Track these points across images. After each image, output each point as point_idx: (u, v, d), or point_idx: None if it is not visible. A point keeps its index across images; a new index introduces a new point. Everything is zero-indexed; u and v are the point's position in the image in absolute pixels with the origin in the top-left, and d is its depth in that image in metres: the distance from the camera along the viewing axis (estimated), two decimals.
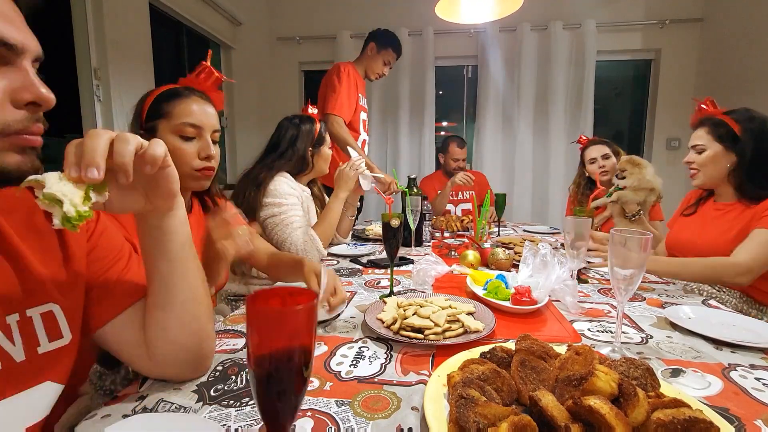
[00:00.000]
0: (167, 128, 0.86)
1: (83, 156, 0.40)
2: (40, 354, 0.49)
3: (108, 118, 1.97)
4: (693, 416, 0.42)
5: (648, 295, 1.05)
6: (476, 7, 1.87)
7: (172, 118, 0.86)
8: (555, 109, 3.26)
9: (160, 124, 0.86)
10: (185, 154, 0.87)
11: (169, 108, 0.86)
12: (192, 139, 0.88)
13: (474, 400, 0.46)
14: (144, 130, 0.87)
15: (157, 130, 0.86)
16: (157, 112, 0.86)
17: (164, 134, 0.86)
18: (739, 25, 2.76)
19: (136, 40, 2.12)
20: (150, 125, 0.86)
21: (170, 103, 0.87)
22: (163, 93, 0.88)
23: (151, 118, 0.86)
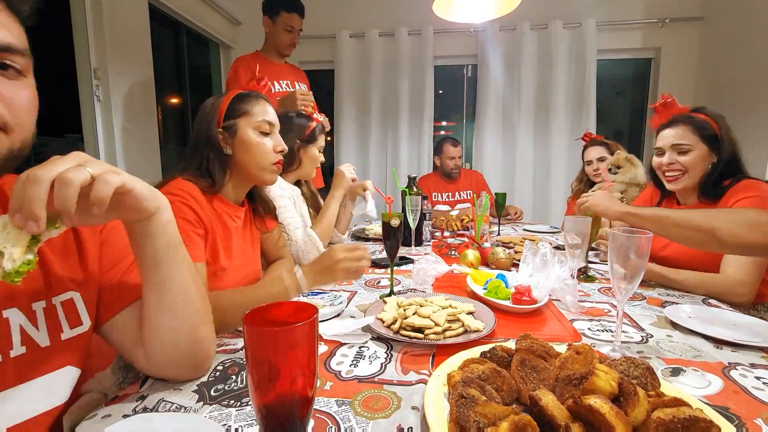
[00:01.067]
0: (248, 125, 0.96)
1: (22, 206, 0.38)
2: (63, 340, 0.53)
3: (107, 118, 1.97)
4: (693, 415, 0.42)
5: (648, 294, 1.05)
6: (474, 5, 1.87)
7: (252, 116, 0.97)
8: (555, 108, 3.25)
9: (240, 121, 0.96)
10: (266, 149, 0.98)
11: (248, 107, 0.97)
12: (268, 135, 0.99)
13: (474, 399, 0.46)
14: (222, 128, 0.95)
15: (238, 127, 0.95)
16: (236, 111, 0.96)
17: (245, 130, 0.96)
18: (739, 23, 2.75)
19: (135, 39, 2.12)
20: (229, 123, 0.95)
21: (249, 103, 0.97)
22: (240, 95, 0.98)
23: (229, 117, 0.95)
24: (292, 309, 0.37)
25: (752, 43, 2.63)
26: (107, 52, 1.93)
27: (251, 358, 0.31)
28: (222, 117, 0.95)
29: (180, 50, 2.80)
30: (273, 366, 0.31)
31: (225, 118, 0.95)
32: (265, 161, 0.98)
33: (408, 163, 3.49)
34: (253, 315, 0.34)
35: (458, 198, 2.77)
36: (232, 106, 0.96)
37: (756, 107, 2.57)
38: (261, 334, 0.31)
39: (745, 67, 2.69)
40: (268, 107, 1.00)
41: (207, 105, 0.98)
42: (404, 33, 3.35)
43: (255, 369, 0.31)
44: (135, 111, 2.12)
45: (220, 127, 0.95)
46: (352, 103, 3.51)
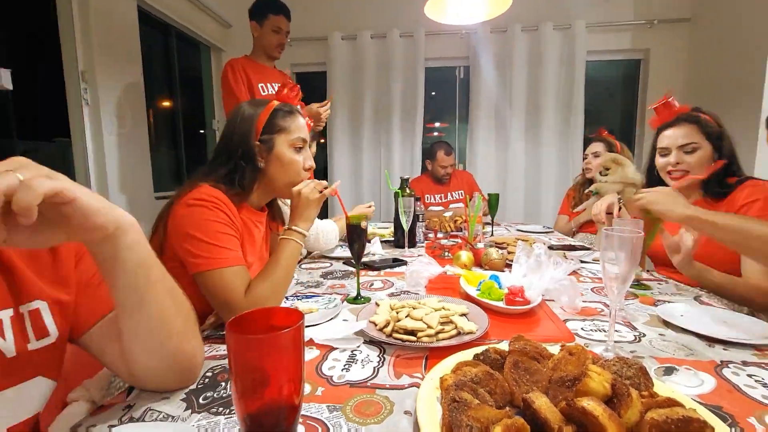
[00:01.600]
0: (285, 142, 0.97)
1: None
2: (30, 351, 0.50)
3: (96, 121, 1.94)
4: (687, 415, 0.42)
5: (641, 293, 1.05)
6: (465, 7, 1.87)
7: (290, 133, 0.97)
8: (546, 109, 3.27)
9: (277, 138, 0.96)
10: (299, 167, 0.99)
11: (286, 123, 0.97)
12: (301, 150, 1.00)
13: (467, 403, 0.45)
14: (260, 142, 0.95)
15: (275, 143, 0.96)
16: (274, 127, 0.96)
17: (282, 147, 0.97)
18: (727, 24, 2.79)
19: (124, 42, 2.10)
20: (266, 138, 0.95)
21: (286, 120, 0.97)
22: (277, 109, 0.98)
23: (268, 132, 0.96)
24: (277, 315, 0.36)
25: (739, 44, 2.67)
26: (95, 54, 1.90)
27: (235, 366, 0.30)
28: (260, 130, 0.95)
29: (170, 53, 2.77)
30: (258, 374, 0.30)
31: (263, 131, 0.95)
32: (296, 178, 0.99)
33: (401, 165, 3.49)
34: (237, 321, 0.33)
35: (451, 199, 2.78)
36: (271, 120, 0.96)
37: (743, 107, 2.61)
38: (245, 341, 0.30)
39: (733, 68, 2.73)
40: (302, 121, 1.01)
41: (243, 114, 0.97)
42: (396, 35, 3.35)
43: (239, 378, 0.30)
44: (124, 114, 2.09)
45: (257, 140, 0.95)
46: (345, 105, 3.51)
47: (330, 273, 1.29)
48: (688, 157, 1.22)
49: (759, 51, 2.48)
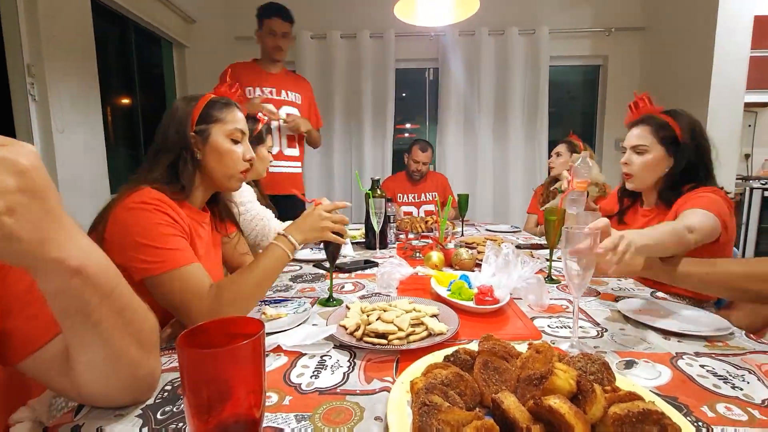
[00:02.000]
0: (221, 132, 0.95)
1: None
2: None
3: (45, 119, 1.81)
4: (646, 408, 0.44)
5: (602, 290, 1.09)
6: (434, 9, 1.90)
7: (226, 123, 0.96)
8: (513, 111, 3.37)
9: (213, 128, 0.94)
10: (237, 157, 0.97)
11: (221, 114, 0.96)
12: (239, 143, 0.98)
13: (437, 406, 0.45)
14: (195, 132, 0.93)
15: (210, 133, 0.94)
16: (210, 117, 0.94)
17: (218, 137, 0.95)
18: (677, 33, 2.98)
19: (75, 35, 1.97)
20: (201, 128, 0.93)
21: (222, 111, 0.96)
22: (214, 100, 0.97)
23: (203, 122, 0.94)
24: (236, 323, 0.34)
25: (688, 52, 2.85)
26: (43, 47, 1.77)
27: (188, 383, 0.28)
28: (195, 121, 0.93)
29: (128, 48, 2.63)
30: (214, 390, 0.28)
31: (198, 122, 0.93)
32: (234, 169, 0.97)
33: (372, 165, 3.49)
34: (192, 333, 0.31)
35: (424, 199, 2.80)
36: (206, 111, 0.95)
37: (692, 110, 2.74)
38: (199, 356, 0.28)
39: (682, 73, 2.91)
40: (239, 114, 1.00)
41: (178, 108, 0.95)
42: (366, 35, 3.34)
43: (193, 395, 0.28)
44: (77, 112, 1.97)
45: (193, 131, 0.93)
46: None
47: (299, 276, 1.26)
48: (636, 158, 1.24)
49: (704, 58, 2.66)
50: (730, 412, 0.54)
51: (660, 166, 1.22)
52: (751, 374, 0.63)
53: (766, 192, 2.98)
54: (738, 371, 0.64)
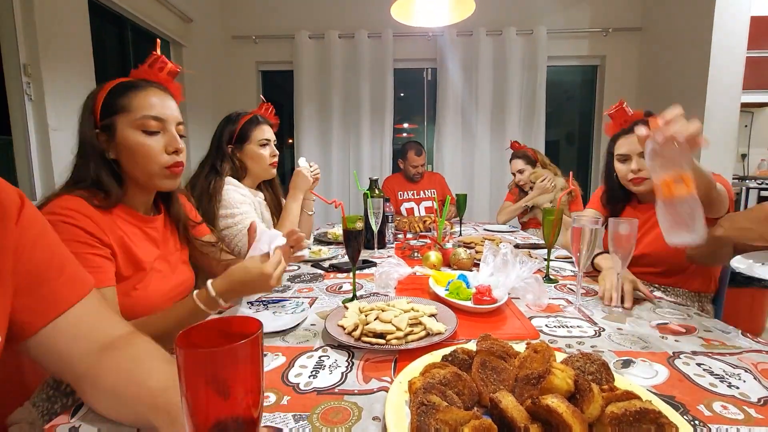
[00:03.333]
0: (127, 123, 0.79)
1: None
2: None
3: (41, 118, 1.80)
4: (643, 407, 0.44)
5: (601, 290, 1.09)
6: (431, 10, 1.90)
7: (131, 112, 0.79)
8: (510, 111, 3.38)
9: (117, 119, 0.79)
10: (151, 150, 0.81)
11: (125, 101, 0.80)
12: (156, 134, 0.82)
13: (435, 406, 0.45)
14: (99, 129, 0.79)
15: (116, 126, 0.79)
16: (112, 107, 0.79)
17: (124, 130, 0.79)
18: (674, 34, 2.99)
19: (72, 34, 1.96)
20: (106, 122, 0.79)
21: (126, 97, 0.80)
22: (117, 86, 0.81)
23: (106, 114, 0.79)
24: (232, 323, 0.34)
25: (685, 52, 2.86)
26: (39, 46, 1.76)
27: (186, 382, 0.28)
28: (98, 115, 0.79)
29: (125, 47, 2.62)
30: (212, 390, 0.28)
31: (102, 116, 0.79)
32: (152, 166, 0.81)
33: (370, 165, 3.49)
34: (187, 333, 0.31)
35: (423, 196, 2.83)
36: (109, 100, 0.79)
37: (688, 110, 2.76)
38: (197, 356, 0.28)
39: (679, 74, 2.92)
40: (153, 98, 0.82)
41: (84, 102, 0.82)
42: (364, 35, 3.34)
43: (190, 395, 0.28)
44: (73, 111, 1.94)
45: (97, 128, 0.79)
46: (313, 105, 3.46)
47: (298, 276, 1.26)
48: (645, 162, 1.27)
49: (701, 58, 2.67)
50: (726, 410, 0.54)
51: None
52: (747, 373, 0.63)
53: (762, 192, 2.99)
54: (734, 370, 0.65)
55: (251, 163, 1.44)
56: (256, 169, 1.46)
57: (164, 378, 0.50)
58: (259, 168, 1.45)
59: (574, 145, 3.87)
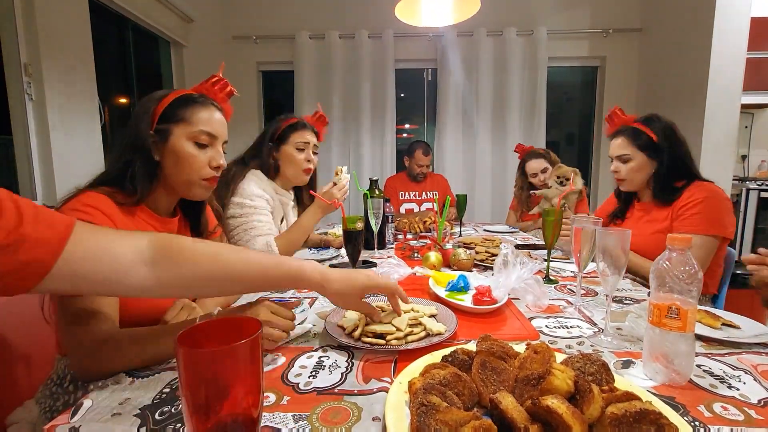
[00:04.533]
0: (183, 133, 0.86)
1: None
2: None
3: (42, 118, 1.81)
4: (643, 408, 0.44)
5: (600, 290, 1.09)
6: (435, 10, 1.90)
7: (190, 125, 0.86)
8: (511, 112, 3.38)
9: (175, 128, 0.85)
10: (198, 162, 0.87)
11: (187, 114, 0.86)
12: (205, 147, 0.89)
13: (435, 407, 0.45)
14: (154, 132, 0.84)
15: (171, 133, 0.85)
16: (173, 116, 0.85)
17: (179, 138, 0.85)
18: (674, 34, 2.99)
19: (73, 34, 1.96)
20: (162, 127, 0.85)
21: (189, 109, 0.87)
22: (182, 97, 0.88)
23: (165, 120, 0.85)
24: (233, 324, 0.34)
25: (685, 53, 2.86)
26: (40, 46, 1.77)
27: (186, 382, 0.28)
28: (157, 119, 0.84)
29: (126, 47, 2.63)
30: (212, 389, 0.28)
31: (160, 120, 0.85)
32: (194, 176, 0.88)
33: (371, 166, 3.49)
34: (189, 333, 0.31)
35: (425, 197, 2.84)
36: (171, 108, 0.86)
37: (689, 111, 2.80)
38: (197, 355, 0.28)
39: (679, 74, 2.92)
40: (215, 115, 0.90)
41: (142, 104, 0.87)
42: (365, 35, 3.35)
43: (191, 394, 0.28)
44: (74, 111, 1.96)
45: (152, 129, 0.84)
46: (313, 105, 3.44)
47: None
48: (623, 166, 1.36)
49: (701, 59, 2.67)
50: (726, 411, 0.54)
51: (645, 168, 1.34)
52: (747, 375, 0.63)
53: (762, 193, 2.99)
54: (734, 371, 0.64)
55: (285, 164, 1.46)
56: (289, 171, 1.47)
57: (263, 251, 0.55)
58: (292, 171, 1.47)
59: (575, 146, 3.87)
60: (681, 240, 0.61)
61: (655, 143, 1.31)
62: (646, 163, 1.33)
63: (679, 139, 1.33)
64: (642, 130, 1.33)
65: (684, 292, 0.59)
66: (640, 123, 1.35)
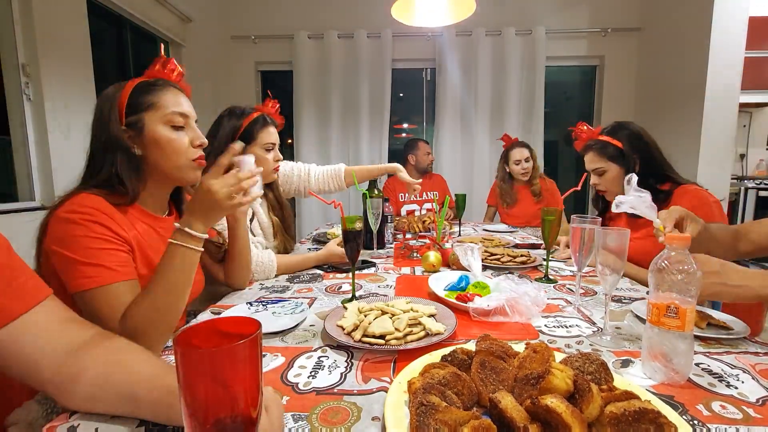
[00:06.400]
0: (156, 119, 0.83)
1: None
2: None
3: (40, 118, 1.80)
4: (642, 407, 0.44)
5: (599, 289, 1.10)
6: (431, 10, 1.90)
7: (160, 109, 0.83)
8: (509, 111, 3.38)
9: (146, 115, 0.82)
10: (181, 144, 0.85)
11: (153, 99, 0.83)
12: (182, 129, 0.86)
13: (434, 406, 0.45)
14: (126, 126, 0.81)
15: (144, 122, 0.82)
16: (140, 105, 0.82)
17: (154, 125, 0.82)
18: (673, 34, 2.99)
19: (71, 34, 1.96)
20: (133, 119, 0.81)
21: (153, 94, 0.83)
22: (141, 84, 0.84)
23: (133, 111, 0.82)
24: (231, 323, 0.34)
25: (684, 52, 2.87)
26: (38, 46, 1.76)
27: (185, 382, 0.28)
28: (123, 112, 0.81)
29: (124, 47, 2.62)
30: (211, 390, 0.28)
31: (128, 112, 0.81)
32: (182, 159, 0.85)
33: (369, 165, 3.48)
34: (187, 333, 0.31)
35: (426, 198, 2.83)
36: (134, 98, 0.82)
37: (687, 110, 2.80)
38: (196, 355, 0.28)
39: (678, 74, 2.93)
40: (180, 97, 0.87)
41: (103, 101, 0.83)
42: (363, 35, 3.34)
43: (190, 395, 0.28)
44: (72, 111, 1.95)
45: (123, 124, 0.81)
46: (312, 105, 3.46)
47: (297, 276, 1.26)
48: (601, 179, 1.40)
49: (700, 58, 2.67)
50: (725, 410, 0.54)
51: (621, 177, 1.35)
52: (745, 373, 0.64)
53: (760, 192, 3.00)
54: (733, 370, 0.65)
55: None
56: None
57: (155, 363, 0.54)
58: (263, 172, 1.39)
59: (573, 145, 3.87)
60: (680, 239, 0.61)
61: (623, 151, 1.33)
62: (620, 172, 1.35)
63: (648, 142, 1.34)
64: (608, 141, 1.36)
65: (683, 292, 0.60)
66: (605, 135, 1.38)
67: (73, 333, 0.56)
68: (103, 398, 0.52)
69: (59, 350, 0.53)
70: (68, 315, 0.59)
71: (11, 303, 0.52)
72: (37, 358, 0.52)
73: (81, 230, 0.73)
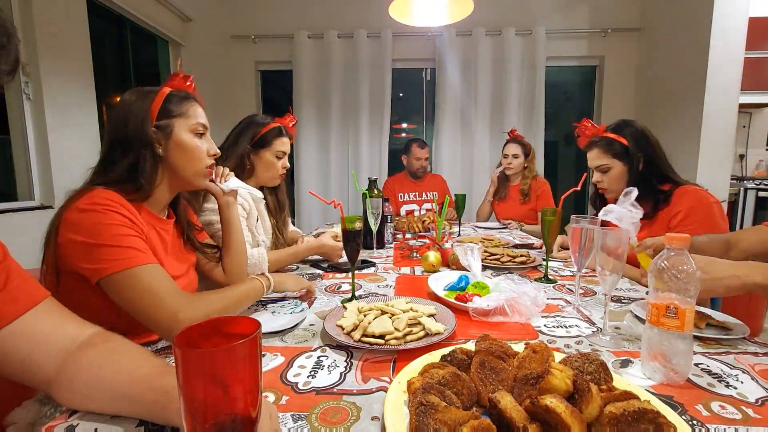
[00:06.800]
0: (185, 126, 0.91)
1: None
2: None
3: (39, 117, 1.80)
4: (642, 407, 0.44)
5: (599, 289, 1.10)
6: (429, 10, 1.90)
7: (189, 118, 0.92)
8: (509, 111, 3.38)
9: (176, 122, 0.90)
10: (201, 152, 0.94)
11: (184, 108, 0.92)
12: (202, 137, 0.95)
13: (434, 406, 0.45)
14: (155, 127, 0.88)
15: (174, 127, 0.90)
16: (171, 111, 0.90)
17: (181, 131, 0.91)
18: (672, 34, 3.00)
19: (70, 33, 1.95)
20: (164, 123, 0.89)
21: (184, 105, 0.93)
22: (174, 93, 0.93)
23: (165, 116, 0.89)
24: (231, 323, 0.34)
25: (683, 52, 2.87)
26: (38, 45, 1.76)
27: (185, 382, 0.28)
28: (155, 116, 0.88)
29: (124, 46, 2.62)
30: (211, 390, 0.28)
31: (158, 117, 0.88)
32: (200, 166, 0.94)
33: (368, 165, 3.49)
34: (187, 333, 0.31)
35: (425, 198, 2.83)
36: (166, 105, 0.90)
37: (687, 111, 2.80)
38: (197, 355, 0.28)
39: (677, 74, 2.93)
40: (200, 109, 0.97)
41: (132, 103, 0.88)
42: (363, 35, 3.34)
43: (190, 395, 0.28)
44: (72, 110, 1.95)
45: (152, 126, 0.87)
46: (312, 104, 3.46)
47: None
48: (604, 176, 1.39)
49: (700, 59, 2.68)
50: (724, 410, 0.54)
51: (624, 175, 1.35)
52: (744, 374, 0.64)
53: (760, 192, 3.00)
54: (732, 370, 0.65)
55: (262, 169, 1.42)
56: (264, 176, 1.44)
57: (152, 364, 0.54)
58: (268, 176, 1.44)
59: (573, 145, 3.86)
60: (679, 239, 0.61)
61: (628, 149, 1.33)
62: (624, 170, 1.35)
63: (652, 142, 1.34)
64: (614, 139, 1.35)
65: (682, 292, 0.60)
66: (611, 132, 1.37)
67: (71, 333, 0.57)
68: (99, 398, 0.53)
69: (56, 351, 0.54)
70: (66, 316, 0.59)
71: (5, 306, 0.53)
72: (34, 360, 0.53)
73: (106, 218, 0.75)
